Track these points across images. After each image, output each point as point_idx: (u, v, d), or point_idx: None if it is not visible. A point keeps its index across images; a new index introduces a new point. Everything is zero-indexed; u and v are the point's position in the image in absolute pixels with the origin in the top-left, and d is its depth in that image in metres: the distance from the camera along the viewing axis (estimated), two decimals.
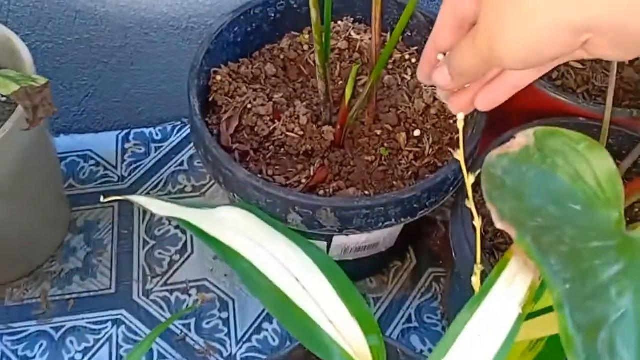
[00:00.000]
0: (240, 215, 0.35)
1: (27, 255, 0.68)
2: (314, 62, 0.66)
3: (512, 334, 0.31)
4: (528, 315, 0.37)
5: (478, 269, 0.34)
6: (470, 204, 0.33)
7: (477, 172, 0.33)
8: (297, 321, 0.32)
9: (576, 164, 0.31)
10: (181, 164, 0.79)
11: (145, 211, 0.74)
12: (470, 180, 0.33)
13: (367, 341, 0.35)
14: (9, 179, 0.56)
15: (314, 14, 0.51)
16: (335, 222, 0.51)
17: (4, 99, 0.60)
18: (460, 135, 0.32)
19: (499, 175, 0.31)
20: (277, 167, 0.58)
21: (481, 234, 0.55)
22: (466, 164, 0.55)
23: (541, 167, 0.31)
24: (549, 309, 0.37)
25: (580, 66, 0.62)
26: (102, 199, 0.37)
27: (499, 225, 0.29)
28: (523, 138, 0.31)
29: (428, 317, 0.67)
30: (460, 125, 0.32)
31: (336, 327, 0.34)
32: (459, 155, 0.33)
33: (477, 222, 0.34)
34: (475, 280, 0.35)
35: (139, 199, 0.35)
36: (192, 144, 0.81)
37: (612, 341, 0.30)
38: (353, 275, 0.38)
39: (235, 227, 0.34)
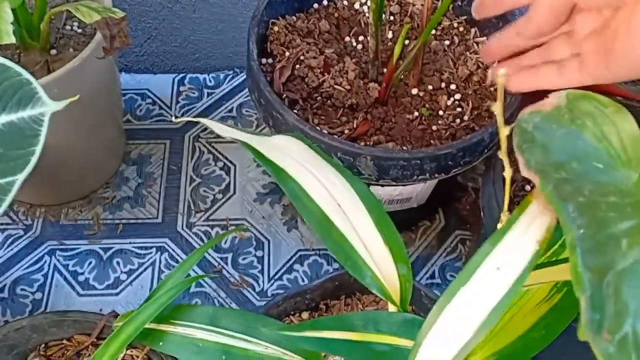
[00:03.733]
0: (293, 143, 0.38)
1: (84, 180, 0.74)
2: (366, 23, 0.69)
3: (528, 268, 0.34)
4: (547, 262, 0.41)
5: (505, 215, 0.38)
6: (503, 154, 0.36)
7: (511, 126, 0.36)
8: (336, 241, 0.36)
9: (603, 125, 0.34)
10: (230, 110, 0.84)
11: (193, 150, 0.79)
12: (504, 131, 0.37)
13: (396, 269, 0.39)
14: (79, 104, 0.61)
15: None
16: (374, 170, 0.55)
17: (79, 30, 0.65)
18: (499, 91, 0.35)
19: (530, 130, 0.34)
20: (322, 117, 0.62)
21: (510, 197, 0.58)
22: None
23: (570, 127, 0.34)
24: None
25: None
26: (174, 119, 0.41)
27: (524, 172, 0.32)
28: (555, 99, 0.34)
29: (451, 275, 0.71)
30: (500, 80, 0.35)
31: (370, 251, 0.38)
32: (497, 107, 0.36)
33: (508, 172, 0.37)
34: (500, 226, 0.38)
35: (205, 121, 0.39)
36: (241, 93, 0.86)
37: (617, 285, 0.33)
38: None
39: (288, 153, 0.38)
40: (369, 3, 0.70)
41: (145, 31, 0.82)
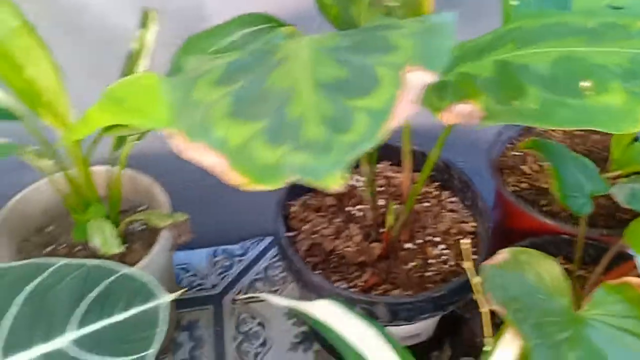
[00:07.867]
0: (332, 305, 0.55)
1: None
2: (361, 195, 0.89)
3: None
4: None
5: (489, 344, 0.54)
6: (478, 296, 0.53)
7: (478, 279, 0.54)
8: None
9: (537, 269, 0.52)
10: (258, 273, 1.01)
11: (232, 312, 0.95)
12: (476, 280, 0.54)
13: None
14: None
15: (366, 167, 0.74)
16: (387, 314, 0.71)
17: (144, 226, 0.83)
18: (465, 253, 0.53)
19: (491, 277, 0.52)
20: (339, 273, 0.79)
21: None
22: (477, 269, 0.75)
23: (515, 272, 0.51)
24: None
25: None
26: (238, 296, 0.58)
27: (493, 306, 0.49)
28: (503, 255, 0.52)
29: None
30: (464, 247, 0.53)
31: None
32: (467, 264, 0.53)
33: (486, 308, 0.54)
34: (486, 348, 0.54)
35: (266, 296, 0.56)
36: (265, 256, 1.03)
37: None
38: None
39: (338, 317, 0.54)
40: (360, 178, 0.90)
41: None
